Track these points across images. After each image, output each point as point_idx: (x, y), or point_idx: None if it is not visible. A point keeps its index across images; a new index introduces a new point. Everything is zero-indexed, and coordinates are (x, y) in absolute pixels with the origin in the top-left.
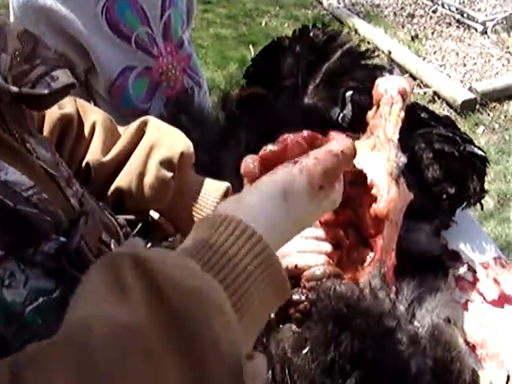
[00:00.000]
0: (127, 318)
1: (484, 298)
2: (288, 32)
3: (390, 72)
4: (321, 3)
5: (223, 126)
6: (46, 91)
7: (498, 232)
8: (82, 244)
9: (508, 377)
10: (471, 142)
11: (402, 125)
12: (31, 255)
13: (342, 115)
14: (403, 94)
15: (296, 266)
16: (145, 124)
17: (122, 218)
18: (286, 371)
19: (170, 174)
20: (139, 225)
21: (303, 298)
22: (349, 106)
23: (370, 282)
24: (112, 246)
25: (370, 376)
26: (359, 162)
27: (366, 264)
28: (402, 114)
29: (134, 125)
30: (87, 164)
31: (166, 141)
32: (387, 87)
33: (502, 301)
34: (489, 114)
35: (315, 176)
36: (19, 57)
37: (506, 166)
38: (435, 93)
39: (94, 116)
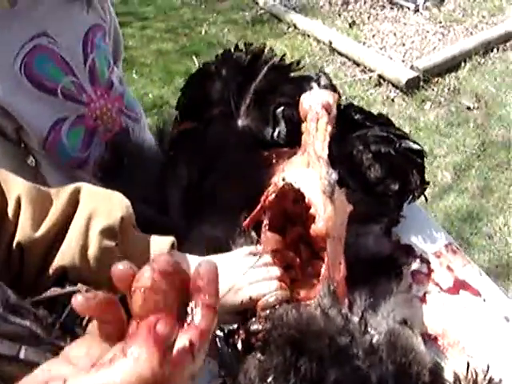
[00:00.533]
0: None
1: (440, 288)
2: (229, 37)
3: (317, 81)
4: (257, 3)
5: (164, 162)
6: None
7: (458, 204)
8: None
9: (468, 364)
10: (407, 138)
11: (329, 139)
12: None
13: (276, 132)
14: (327, 108)
15: (250, 297)
16: (78, 192)
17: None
18: None
19: (113, 243)
20: (68, 308)
21: (260, 327)
22: (282, 123)
23: (320, 303)
24: (21, 353)
25: None
26: (296, 182)
27: (320, 278)
28: (329, 129)
29: (66, 194)
30: (18, 244)
31: (103, 208)
32: (311, 103)
33: (457, 287)
34: (433, 89)
35: None
36: None
37: (456, 138)
38: (380, 76)
39: (16, 189)
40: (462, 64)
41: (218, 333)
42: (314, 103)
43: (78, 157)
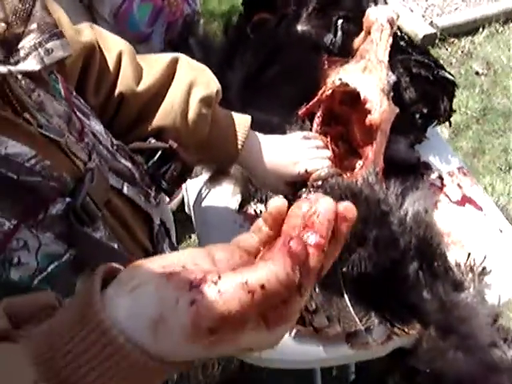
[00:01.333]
0: None
1: (450, 199)
2: None
3: (375, 2)
4: None
5: (227, 48)
6: (38, 67)
7: None
8: (87, 200)
9: (469, 254)
10: (443, 68)
11: (390, 49)
12: (41, 220)
13: (331, 41)
14: (391, 22)
15: (306, 170)
16: (176, 60)
17: (143, 144)
18: None
19: (208, 111)
20: (158, 153)
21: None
22: (339, 33)
23: (367, 178)
24: (125, 189)
25: (371, 253)
26: (352, 83)
27: (357, 169)
28: (391, 40)
29: (166, 58)
30: (120, 94)
31: (201, 79)
32: (378, 16)
33: (464, 201)
34: (447, 49)
35: (205, 317)
36: (16, 17)
37: (460, 99)
38: (398, 27)
39: (117, 46)
40: (480, 29)
41: None
42: (380, 16)
43: (143, 31)
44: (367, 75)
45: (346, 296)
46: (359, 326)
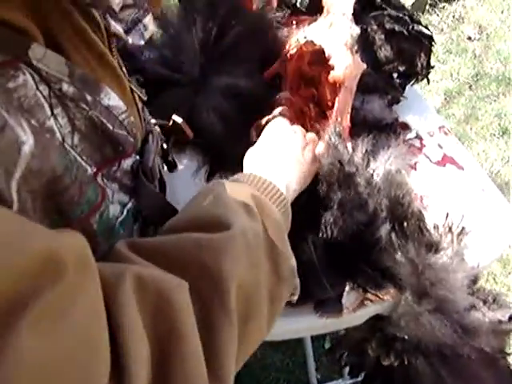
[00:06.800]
0: (260, 230)
1: (430, 160)
2: None
3: None
4: None
5: (183, 17)
6: (141, 42)
7: None
8: (152, 159)
9: (447, 214)
10: (419, 23)
11: (354, 1)
12: (113, 172)
13: (300, 0)
14: None
15: None
16: None
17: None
18: None
19: None
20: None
21: None
22: None
23: (328, 138)
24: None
25: (337, 217)
26: (317, 39)
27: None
28: None
29: None
30: None
31: None
32: None
33: (444, 161)
34: (438, 15)
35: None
36: None
37: (452, 66)
38: None
39: None
40: None
41: None
42: None
43: None
44: (333, 30)
45: (316, 263)
46: (330, 294)
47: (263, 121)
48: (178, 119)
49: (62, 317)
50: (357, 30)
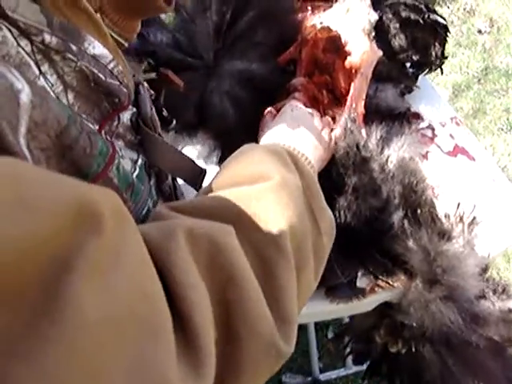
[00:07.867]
0: (298, 182)
1: (441, 150)
2: None
3: None
4: None
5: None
6: None
7: None
8: (149, 109)
9: (458, 204)
10: (434, 12)
11: None
12: (115, 127)
13: None
14: None
15: None
16: None
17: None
18: None
19: None
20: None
21: None
22: None
23: (344, 123)
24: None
25: (350, 201)
26: (334, 25)
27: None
28: None
29: None
30: None
31: None
32: None
33: (456, 151)
34: (448, 7)
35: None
36: None
37: (461, 59)
38: None
39: None
40: None
41: None
42: None
43: None
44: (350, 16)
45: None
46: (341, 279)
47: (277, 106)
48: (165, 70)
49: (113, 270)
50: (375, 16)
